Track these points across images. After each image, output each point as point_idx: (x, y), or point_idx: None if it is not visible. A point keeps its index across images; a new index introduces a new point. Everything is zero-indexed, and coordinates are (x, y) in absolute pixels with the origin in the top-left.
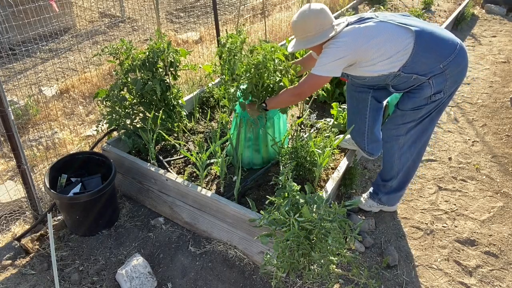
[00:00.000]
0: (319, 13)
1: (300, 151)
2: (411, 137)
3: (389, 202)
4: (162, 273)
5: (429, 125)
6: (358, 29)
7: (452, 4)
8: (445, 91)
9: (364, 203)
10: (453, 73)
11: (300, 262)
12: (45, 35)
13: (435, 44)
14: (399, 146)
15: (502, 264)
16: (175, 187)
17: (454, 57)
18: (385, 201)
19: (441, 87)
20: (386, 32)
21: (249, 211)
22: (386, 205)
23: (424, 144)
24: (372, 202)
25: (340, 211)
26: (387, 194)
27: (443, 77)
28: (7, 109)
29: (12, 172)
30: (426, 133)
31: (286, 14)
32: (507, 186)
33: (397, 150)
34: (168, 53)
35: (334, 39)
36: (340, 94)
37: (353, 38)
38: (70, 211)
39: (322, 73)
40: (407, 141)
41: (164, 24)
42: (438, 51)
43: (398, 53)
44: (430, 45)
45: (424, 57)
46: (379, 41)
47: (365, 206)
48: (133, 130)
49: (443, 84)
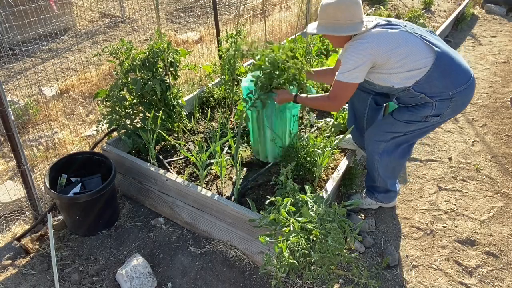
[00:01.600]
0: (355, 3)
1: (300, 151)
2: (392, 144)
3: (385, 199)
4: (162, 273)
5: (414, 139)
6: (386, 34)
7: (452, 4)
8: (443, 117)
9: (363, 202)
10: (457, 103)
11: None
12: (45, 35)
13: (452, 70)
14: (379, 151)
15: (502, 264)
16: (175, 187)
17: (465, 88)
18: (381, 199)
19: (441, 112)
20: (410, 44)
21: (249, 211)
22: (384, 202)
23: (406, 151)
24: (370, 200)
25: (340, 211)
26: (381, 193)
27: (446, 103)
28: (7, 109)
29: (12, 172)
30: (409, 144)
31: (286, 14)
32: (507, 186)
33: (376, 155)
34: (168, 53)
35: (360, 38)
36: None
37: (379, 43)
38: (70, 211)
39: (349, 79)
40: (388, 147)
41: (164, 24)
42: (453, 78)
43: (416, 70)
44: (448, 70)
45: (438, 80)
46: (402, 52)
47: (364, 205)
48: (133, 130)
49: (443, 109)
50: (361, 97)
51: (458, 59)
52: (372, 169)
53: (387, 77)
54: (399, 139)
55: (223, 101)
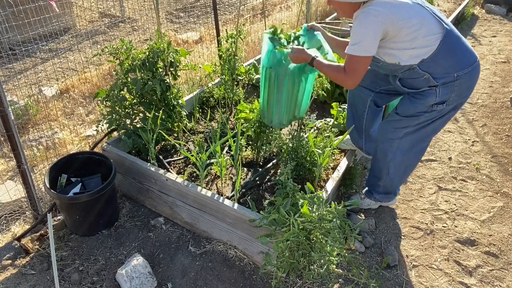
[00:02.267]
0: None
1: (300, 151)
2: (407, 142)
3: (385, 199)
4: (162, 273)
5: (428, 133)
6: (398, 2)
7: (452, 4)
8: (448, 103)
9: (362, 202)
10: (462, 86)
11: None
12: (45, 35)
13: (458, 50)
14: (393, 149)
15: (502, 264)
16: (175, 187)
17: (470, 70)
18: (380, 199)
19: (446, 98)
20: (422, 17)
21: (249, 211)
22: (383, 202)
23: (421, 150)
24: (369, 200)
25: (340, 211)
26: (381, 193)
27: (450, 88)
28: (7, 109)
29: (12, 172)
30: (424, 141)
31: (286, 14)
32: (507, 186)
33: (390, 152)
34: (168, 53)
35: (368, 7)
36: (340, 94)
37: (391, 10)
38: (70, 211)
39: (361, 52)
40: (402, 145)
41: (164, 24)
42: (458, 58)
43: (425, 47)
44: (454, 49)
45: (444, 59)
46: (414, 24)
47: (364, 205)
48: (133, 130)
49: (448, 95)
50: (361, 98)
51: (463, 40)
52: (381, 167)
53: (395, 52)
54: (412, 136)
55: (223, 101)
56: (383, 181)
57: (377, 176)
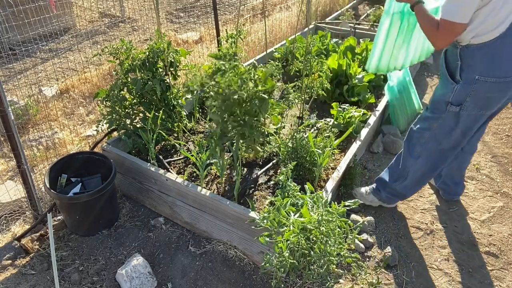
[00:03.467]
0: None
1: (300, 151)
2: (428, 150)
3: (390, 201)
4: (162, 273)
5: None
6: None
7: None
8: (464, 108)
9: (365, 197)
10: (478, 94)
11: (300, 262)
12: (45, 35)
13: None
14: (415, 155)
15: (502, 264)
16: (175, 187)
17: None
18: (385, 199)
19: (461, 99)
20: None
21: (249, 211)
22: (385, 203)
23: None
24: (374, 198)
25: (340, 211)
26: (389, 194)
27: (467, 90)
28: (7, 109)
29: (12, 172)
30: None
31: (286, 14)
32: (507, 186)
33: (411, 158)
34: (168, 53)
35: None
36: (340, 94)
37: None
38: (70, 211)
39: (453, 18)
40: (423, 153)
41: (164, 24)
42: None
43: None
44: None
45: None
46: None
47: (366, 200)
48: (133, 130)
49: (463, 97)
50: None
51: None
52: (400, 171)
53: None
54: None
55: None
56: (397, 184)
57: (392, 178)
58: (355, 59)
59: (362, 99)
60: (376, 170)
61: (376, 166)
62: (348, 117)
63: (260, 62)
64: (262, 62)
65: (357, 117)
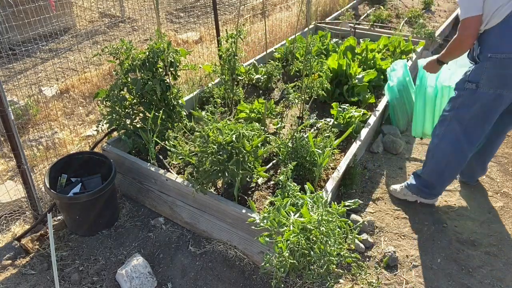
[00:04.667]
0: None
1: (300, 151)
2: (449, 132)
3: (420, 193)
4: (162, 273)
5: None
6: None
7: (452, 4)
8: (480, 86)
9: (399, 192)
10: (490, 72)
11: (300, 262)
12: (45, 35)
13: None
14: (437, 136)
15: (502, 264)
16: (175, 187)
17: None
18: (415, 191)
19: (477, 78)
20: None
21: (249, 211)
22: (419, 196)
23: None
24: (407, 191)
25: (340, 211)
26: (421, 185)
27: (481, 68)
28: (7, 109)
29: (12, 172)
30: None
31: (286, 14)
32: (507, 186)
33: (434, 139)
34: (168, 53)
35: None
36: (340, 94)
37: None
38: (70, 211)
39: (467, 14)
40: (445, 136)
41: (164, 24)
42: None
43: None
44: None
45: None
46: None
47: (400, 194)
48: (133, 130)
49: (479, 75)
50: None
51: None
52: (426, 158)
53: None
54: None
55: (223, 101)
56: (424, 171)
57: (422, 167)
58: (355, 59)
59: (362, 99)
60: (376, 170)
61: (376, 166)
62: (348, 117)
63: (260, 62)
64: (262, 62)
65: (357, 117)
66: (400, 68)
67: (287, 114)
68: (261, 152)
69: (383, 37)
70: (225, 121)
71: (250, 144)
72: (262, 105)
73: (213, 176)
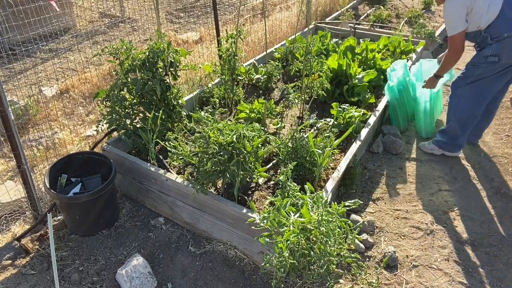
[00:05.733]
0: None
1: (300, 151)
2: (468, 91)
3: (446, 148)
4: (162, 273)
5: (487, 87)
6: None
7: None
8: (501, 57)
9: (427, 146)
10: (508, 47)
11: (300, 262)
12: (45, 35)
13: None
14: (457, 97)
15: (502, 264)
16: (175, 187)
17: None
18: (440, 145)
19: (498, 51)
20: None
21: (249, 211)
22: (444, 150)
23: (479, 104)
24: (433, 146)
25: (340, 211)
26: (446, 139)
27: (501, 44)
28: (7, 109)
29: (12, 172)
30: (483, 94)
31: (286, 14)
32: (507, 186)
33: (454, 100)
34: (168, 53)
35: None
36: (340, 94)
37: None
38: (70, 211)
39: (453, 32)
40: (463, 94)
41: (164, 24)
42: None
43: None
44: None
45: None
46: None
47: (427, 149)
48: (133, 130)
49: (499, 50)
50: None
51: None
52: (448, 115)
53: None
54: (473, 86)
55: (223, 101)
56: (447, 127)
57: (446, 124)
58: (355, 59)
59: (362, 99)
60: (376, 170)
61: (376, 166)
62: (348, 117)
63: (260, 62)
64: (262, 62)
65: (357, 117)
66: (400, 68)
67: (287, 114)
68: (262, 153)
69: (383, 37)
70: (226, 121)
71: (250, 145)
72: (262, 105)
73: (214, 177)
